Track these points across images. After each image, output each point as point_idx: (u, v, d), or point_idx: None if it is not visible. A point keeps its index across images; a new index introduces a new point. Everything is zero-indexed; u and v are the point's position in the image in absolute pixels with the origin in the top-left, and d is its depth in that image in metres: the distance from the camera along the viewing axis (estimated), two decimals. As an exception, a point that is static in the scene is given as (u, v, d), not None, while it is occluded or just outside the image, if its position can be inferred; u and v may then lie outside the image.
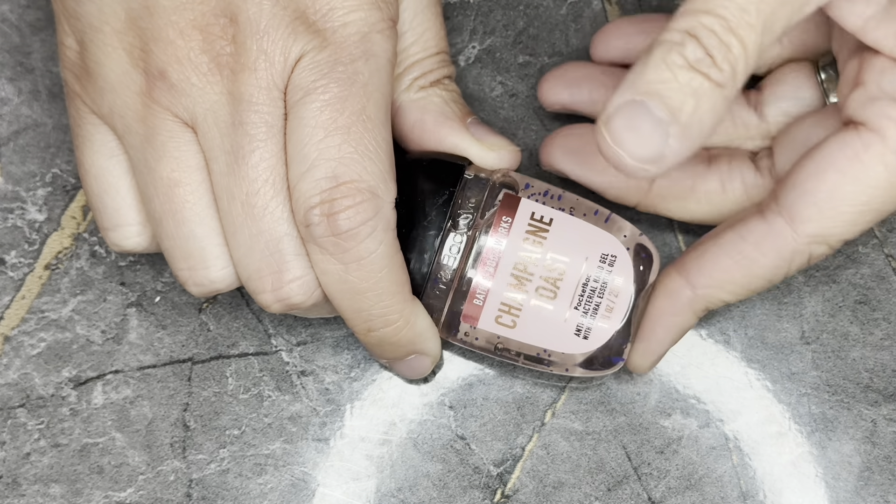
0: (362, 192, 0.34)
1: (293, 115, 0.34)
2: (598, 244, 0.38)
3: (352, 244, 0.35)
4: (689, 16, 0.33)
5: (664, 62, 0.33)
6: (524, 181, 0.39)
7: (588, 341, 0.38)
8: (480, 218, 0.38)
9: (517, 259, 0.37)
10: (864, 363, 0.42)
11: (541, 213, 0.38)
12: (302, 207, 0.35)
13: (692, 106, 0.32)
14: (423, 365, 0.40)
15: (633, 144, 0.33)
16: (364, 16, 0.35)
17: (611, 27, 0.42)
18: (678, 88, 0.32)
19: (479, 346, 0.39)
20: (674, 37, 0.33)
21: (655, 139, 0.33)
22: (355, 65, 0.34)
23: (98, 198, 0.37)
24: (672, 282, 0.38)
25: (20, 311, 0.43)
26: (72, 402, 0.42)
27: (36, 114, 0.44)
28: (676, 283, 0.38)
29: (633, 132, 0.33)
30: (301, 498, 0.42)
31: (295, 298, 0.36)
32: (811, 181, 0.36)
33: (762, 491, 0.41)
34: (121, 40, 0.35)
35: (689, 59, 0.32)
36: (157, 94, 0.35)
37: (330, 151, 0.34)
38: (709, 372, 0.42)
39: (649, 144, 0.33)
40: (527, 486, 0.41)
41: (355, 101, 0.34)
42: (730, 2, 0.32)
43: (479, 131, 0.39)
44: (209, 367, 0.43)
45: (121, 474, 0.42)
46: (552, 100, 0.42)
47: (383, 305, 0.36)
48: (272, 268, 0.35)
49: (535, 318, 0.38)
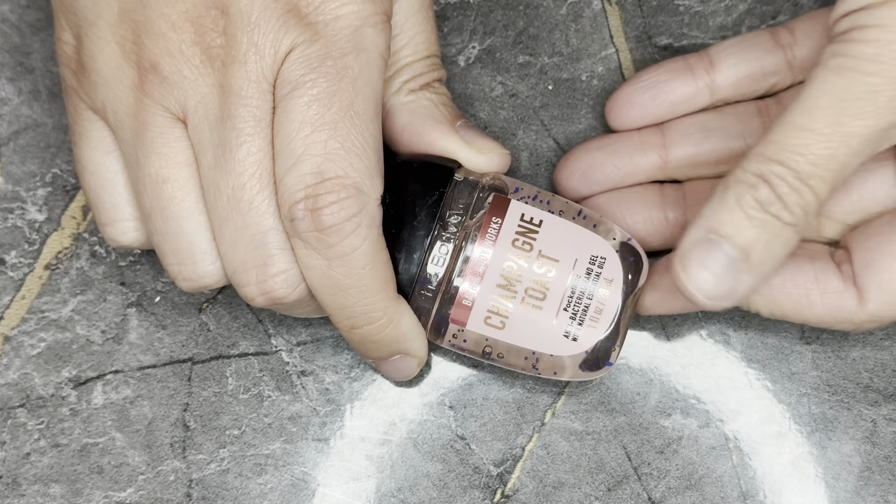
0: (347, 188, 0.34)
1: (281, 109, 0.34)
2: (587, 246, 0.38)
3: (335, 239, 0.35)
4: (762, 160, 0.34)
5: (737, 203, 0.34)
6: (514, 184, 0.38)
7: (577, 343, 0.38)
8: (470, 220, 0.38)
9: (506, 262, 0.37)
10: (864, 363, 0.42)
11: (530, 215, 0.38)
12: (287, 202, 0.35)
13: (764, 245, 0.34)
14: (409, 366, 0.40)
15: (708, 284, 0.35)
16: (357, 9, 0.35)
17: (623, 98, 0.42)
18: (750, 229, 0.34)
19: (468, 348, 0.39)
20: (748, 178, 0.34)
21: (728, 279, 0.35)
22: (345, 59, 0.34)
23: (95, 193, 0.37)
24: None
25: (20, 311, 0.43)
26: (72, 402, 0.42)
27: (36, 114, 0.44)
28: None
29: (707, 271, 0.35)
30: (301, 498, 0.42)
31: (278, 292, 0.36)
32: (886, 271, 0.37)
33: (762, 491, 0.41)
34: (114, 33, 0.35)
35: (762, 200, 0.34)
36: (148, 87, 0.35)
37: (316, 147, 0.34)
38: (709, 372, 0.42)
39: (723, 284, 0.35)
40: (527, 486, 0.41)
41: (343, 96, 0.34)
42: (801, 156, 0.33)
43: (469, 134, 0.39)
44: (209, 367, 0.43)
45: (121, 474, 0.42)
46: (573, 194, 0.42)
47: (367, 303, 0.36)
48: (257, 261, 0.35)
49: (524, 320, 0.38)
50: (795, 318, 0.38)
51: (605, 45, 0.44)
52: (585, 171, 0.41)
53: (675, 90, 0.41)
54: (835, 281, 0.38)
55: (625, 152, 0.41)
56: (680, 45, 0.44)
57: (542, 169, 0.44)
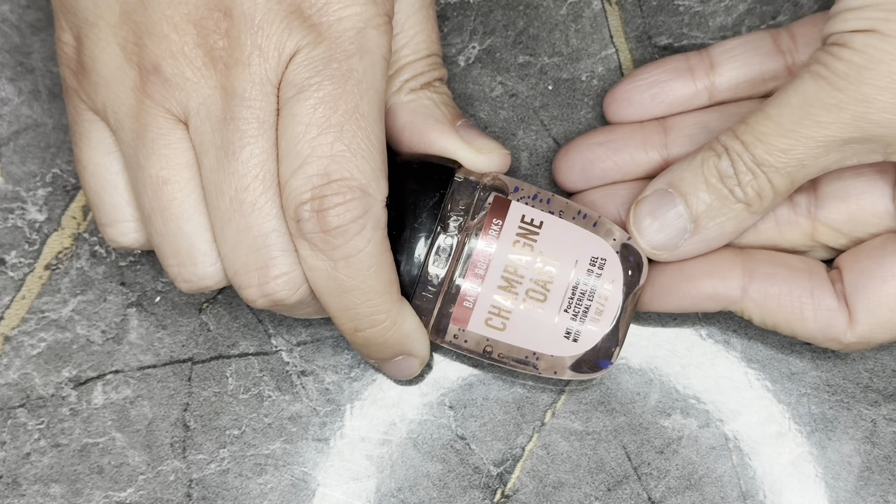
0: (353, 189, 0.34)
1: (286, 112, 0.34)
2: (587, 248, 0.38)
3: (341, 241, 0.35)
4: (730, 136, 0.36)
5: (701, 166, 0.37)
6: (513, 184, 0.38)
7: (577, 344, 0.38)
8: (471, 220, 0.38)
9: (507, 262, 0.37)
10: (863, 363, 0.42)
11: (531, 216, 0.38)
12: (293, 203, 0.35)
13: (713, 212, 0.37)
14: (411, 366, 0.40)
15: (652, 232, 0.38)
16: (360, 10, 0.35)
17: (622, 95, 0.42)
18: (705, 193, 0.37)
19: (468, 348, 0.39)
20: (716, 147, 0.37)
21: (672, 231, 0.37)
22: (350, 61, 0.34)
23: (95, 194, 0.37)
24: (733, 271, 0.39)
25: (20, 311, 0.43)
26: (72, 402, 0.42)
27: (36, 114, 0.44)
28: (735, 275, 0.39)
29: (655, 220, 0.38)
30: (301, 498, 0.42)
31: (280, 294, 0.36)
32: (875, 294, 0.37)
33: (762, 491, 0.41)
34: (115, 35, 0.35)
35: (721, 171, 0.36)
36: (150, 88, 0.35)
37: (323, 149, 0.34)
38: (709, 372, 0.42)
39: (665, 235, 0.38)
40: (527, 486, 0.41)
41: (349, 98, 0.34)
42: (761, 143, 0.35)
43: (469, 134, 0.39)
44: (209, 367, 0.43)
45: (121, 474, 0.42)
46: (569, 187, 0.42)
47: (370, 305, 0.36)
48: (258, 263, 0.35)
49: (525, 321, 0.38)
50: (786, 330, 0.39)
51: (605, 45, 0.44)
52: (585, 166, 0.41)
53: (674, 90, 0.41)
54: (829, 299, 0.38)
55: (626, 150, 0.41)
56: (680, 45, 0.44)
57: (541, 169, 0.44)
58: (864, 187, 0.39)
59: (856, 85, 0.33)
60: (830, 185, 0.39)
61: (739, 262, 0.39)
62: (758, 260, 0.39)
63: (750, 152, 0.36)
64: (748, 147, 0.36)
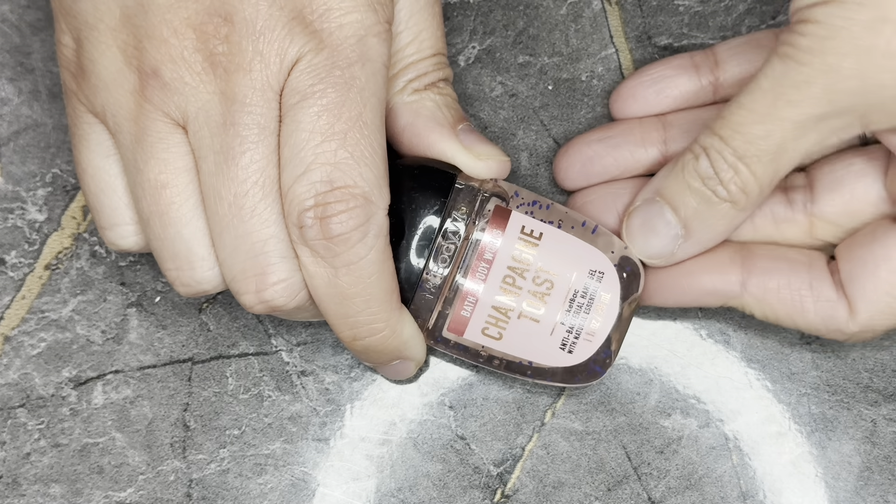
0: (356, 197, 0.34)
1: (289, 119, 0.34)
2: (586, 260, 0.38)
3: (343, 248, 0.35)
4: (708, 133, 0.36)
5: (682, 171, 0.37)
6: (513, 189, 0.38)
7: (573, 355, 0.38)
8: (470, 228, 0.38)
9: (506, 272, 0.37)
10: (863, 363, 0.42)
11: (531, 227, 0.38)
12: (295, 209, 0.35)
13: (701, 215, 0.37)
14: (407, 369, 0.40)
15: (644, 241, 0.38)
16: (360, 17, 0.35)
17: (628, 92, 0.42)
18: (689, 197, 0.37)
19: (465, 356, 0.39)
20: (695, 149, 0.37)
21: (664, 240, 0.38)
22: (352, 69, 0.34)
23: (95, 197, 0.37)
24: (732, 266, 0.39)
25: (20, 311, 0.43)
26: (72, 402, 0.42)
27: (36, 114, 0.44)
28: (734, 270, 0.39)
29: (648, 230, 0.38)
30: (301, 498, 0.42)
31: (277, 301, 0.36)
32: (870, 281, 0.37)
33: (762, 491, 0.41)
34: (115, 38, 0.35)
35: (701, 173, 0.36)
36: (149, 92, 0.35)
37: (326, 156, 0.34)
38: (709, 372, 0.42)
39: (658, 243, 0.38)
40: (527, 486, 0.41)
41: (352, 106, 0.34)
42: (739, 134, 0.35)
43: (470, 139, 0.39)
44: (209, 367, 0.43)
45: (121, 474, 0.42)
46: (570, 185, 0.42)
47: (370, 312, 0.36)
48: (256, 269, 0.35)
49: (522, 331, 0.38)
50: (788, 323, 0.39)
51: (605, 46, 0.44)
52: (585, 164, 0.41)
53: (679, 86, 0.41)
54: (829, 290, 0.38)
55: (625, 146, 0.41)
56: (680, 45, 0.44)
57: (541, 169, 0.44)
58: (855, 176, 0.39)
59: (820, 57, 0.33)
60: (824, 178, 0.39)
61: (738, 257, 0.39)
62: (757, 254, 0.39)
63: (730, 146, 0.35)
64: (727, 141, 0.35)
